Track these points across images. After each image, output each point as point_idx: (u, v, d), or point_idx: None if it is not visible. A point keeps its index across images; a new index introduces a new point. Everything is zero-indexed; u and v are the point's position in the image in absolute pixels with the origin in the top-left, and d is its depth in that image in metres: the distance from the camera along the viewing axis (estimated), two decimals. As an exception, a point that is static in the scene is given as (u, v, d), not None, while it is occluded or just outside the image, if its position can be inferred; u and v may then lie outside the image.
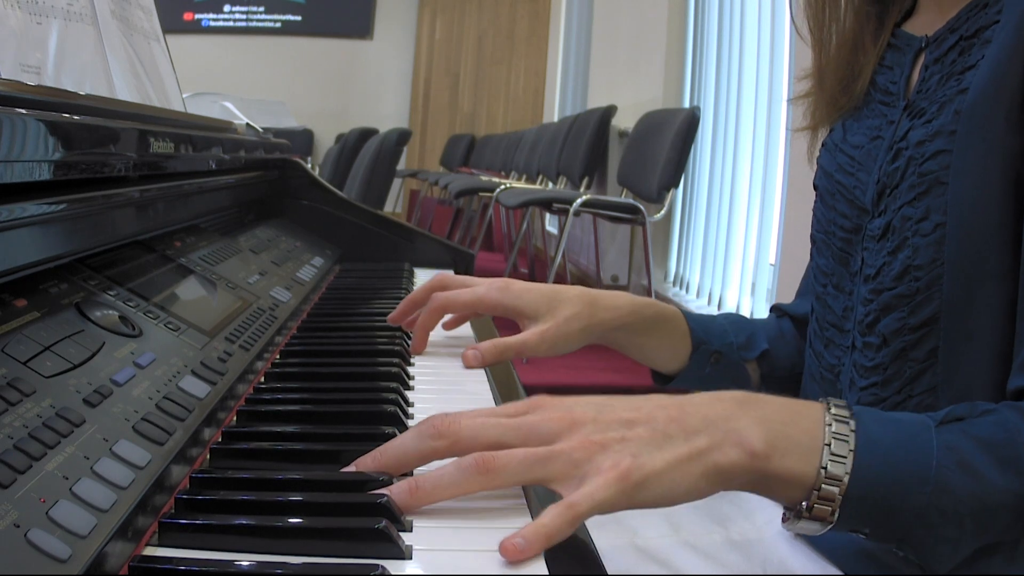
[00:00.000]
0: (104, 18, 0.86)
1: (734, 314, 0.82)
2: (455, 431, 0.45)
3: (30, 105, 0.52)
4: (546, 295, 0.71)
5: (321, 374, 0.68)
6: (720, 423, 0.46)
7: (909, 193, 0.58)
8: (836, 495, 0.45)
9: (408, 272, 1.15)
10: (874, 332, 0.61)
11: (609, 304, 0.72)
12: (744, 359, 0.78)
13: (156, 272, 0.69)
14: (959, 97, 0.56)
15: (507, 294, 0.72)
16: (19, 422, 0.39)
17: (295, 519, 0.41)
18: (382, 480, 0.44)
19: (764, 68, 2.66)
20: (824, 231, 0.69)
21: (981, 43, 0.56)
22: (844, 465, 0.45)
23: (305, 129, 6.79)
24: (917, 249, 0.57)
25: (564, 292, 0.72)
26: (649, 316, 0.74)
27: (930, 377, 0.58)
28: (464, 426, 0.45)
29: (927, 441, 0.46)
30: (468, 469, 0.43)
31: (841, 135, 0.68)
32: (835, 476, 0.45)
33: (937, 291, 0.56)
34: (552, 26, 6.30)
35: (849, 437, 0.46)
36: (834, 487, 0.45)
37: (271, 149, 1.23)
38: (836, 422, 0.47)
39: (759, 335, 0.79)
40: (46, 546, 0.33)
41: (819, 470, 0.45)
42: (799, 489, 0.46)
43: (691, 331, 0.77)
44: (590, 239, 3.72)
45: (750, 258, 2.69)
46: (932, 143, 0.57)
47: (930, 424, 0.47)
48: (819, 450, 0.46)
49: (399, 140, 3.57)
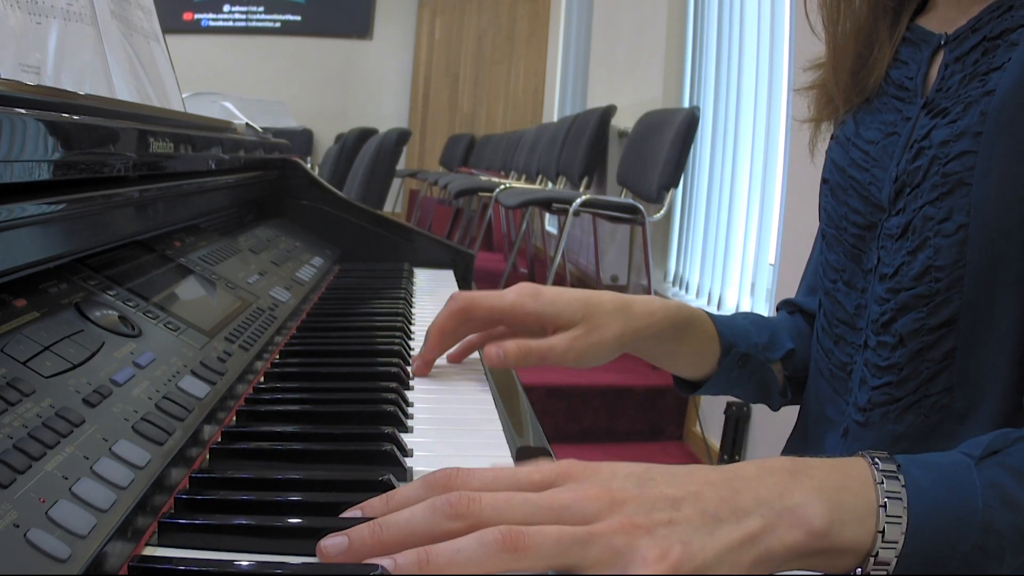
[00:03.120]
0: (104, 18, 0.86)
1: (752, 313, 0.79)
2: (476, 512, 0.39)
3: (30, 105, 0.52)
4: (580, 300, 0.66)
5: (321, 374, 0.68)
6: (774, 501, 0.41)
7: (932, 193, 0.58)
8: (892, 557, 0.42)
9: (408, 272, 1.15)
10: (890, 331, 0.61)
11: (643, 311, 0.68)
12: (770, 360, 0.76)
13: (156, 272, 0.69)
14: (985, 99, 0.55)
15: (539, 301, 0.66)
16: (19, 422, 0.39)
17: (295, 519, 0.41)
18: (382, 480, 0.44)
19: (764, 68, 2.66)
20: (835, 226, 0.69)
21: (1007, 45, 0.56)
22: (900, 526, 0.42)
23: (305, 129, 6.79)
24: (939, 249, 0.57)
25: (599, 297, 0.67)
26: (681, 321, 0.71)
27: (946, 377, 0.57)
28: (487, 505, 0.39)
29: (971, 483, 0.44)
30: (492, 545, 0.37)
31: (853, 129, 0.67)
32: (892, 539, 0.42)
33: (957, 292, 0.56)
34: (552, 26, 6.30)
35: (901, 493, 0.43)
36: (890, 550, 0.42)
37: (271, 149, 1.23)
38: (887, 479, 0.44)
39: (781, 334, 0.77)
40: (46, 546, 0.33)
41: (876, 535, 0.42)
42: (854, 557, 0.43)
43: (719, 333, 0.73)
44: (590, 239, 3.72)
45: (750, 258, 2.68)
46: (957, 143, 0.56)
47: (970, 463, 0.45)
48: (874, 513, 0.43)
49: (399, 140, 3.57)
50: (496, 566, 0.36)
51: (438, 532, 0.38)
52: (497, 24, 6.76)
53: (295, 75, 6.95)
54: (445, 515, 0.38)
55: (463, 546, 0.37)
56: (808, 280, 0.82)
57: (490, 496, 0.39)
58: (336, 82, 7.08)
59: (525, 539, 0.37)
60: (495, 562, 0.36)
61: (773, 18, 2.59)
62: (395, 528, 0.38)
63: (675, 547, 0.38)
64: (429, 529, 0.38)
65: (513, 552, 0.36)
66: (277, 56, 6.97)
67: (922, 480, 0.44)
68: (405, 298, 0.97)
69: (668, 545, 0.38)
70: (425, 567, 0.36)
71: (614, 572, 0.37)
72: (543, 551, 0.37)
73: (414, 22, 7.07)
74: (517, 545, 0.37)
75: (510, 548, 0.36)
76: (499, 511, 0.39)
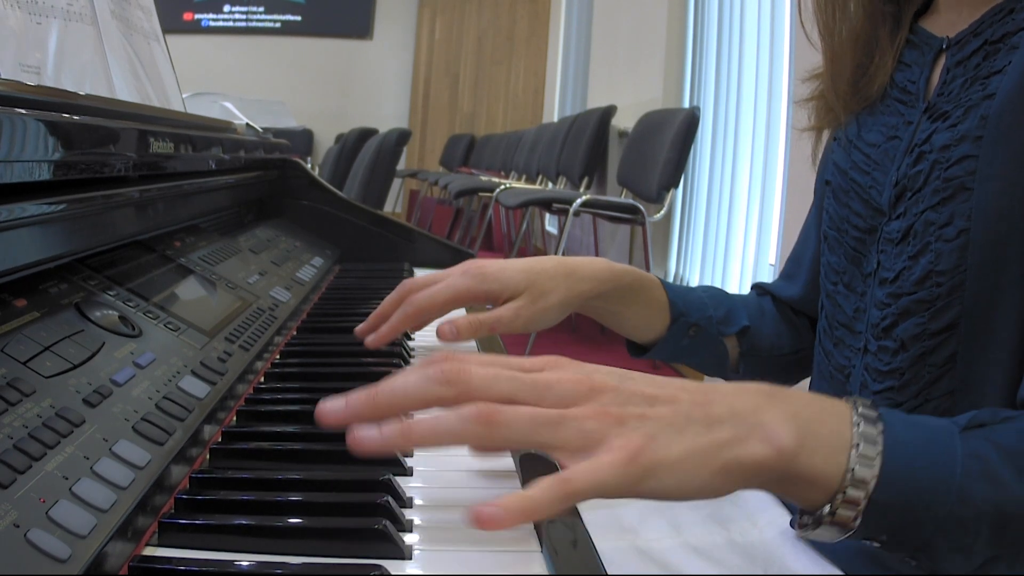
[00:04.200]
0: (104, 18, 0.86)
1: (713, 287, 0.81)
2: (466, 380, 0.41)
3: (30, 105, 0.52)
4: (523, 270, 0.70)
5: (321, 374, 0.68)
6: (747, 415, 0.42)
7: (933, 197, 0.58)
8: (861, 499, 0.43)
9: (408, 272, 1.15)
10: (891, 336, 0.61)
11: (587, 274, 0.71)
12: (723, 334, 0.77)
13: (156, 272, 0.69)
14: (985, 102, 0.55)
15: (484, 280, 0.69)
16: (19, 422, 0.39)
17: (295, 519, 0.41)
18: (383, 480, 0.44)
19: (764, 68, 2.66)
20: (836, 228, 0.69)
21: (1008, 48, 0.56)
22: (872, 468, 0.43)
23: (305, 129, 6.80)
24: (940, 254, 0.57)
25: (541, 264, 0.70)
26: (627, 284, 0.73)
27: (948, 382, 0.57)
28: (475, 375, 0.42)
29: (952, 447, 0.44)
30: (469, 419, 0.40)
31: (856, 131, 0.67)
32: (862, 479, 0.42)
33: (959, 297, 0.56)
34: (552, 26, 6.30)
35: (878, 439, 0.43)
36: (860, 491, 0.42)
37: (271, 149, 1.23)
38: (864, 422, 0.44)
39: (739, 311, 0.78)
40: (46, 546, 0.33)
41: (846, 472, 0.43)
42: (822, 492, 0.43)
43: (670, 302, 0.75)
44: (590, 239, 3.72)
45: (750, 258, 2.68)
46: (958, 148, 0.56)
47: (955, 429, 0.45)
48: (847, 450, 0.43)
49: (399, 140, 3.57)
50: (472, 438, 0.40)
51: (429, 396, 0.41)
52: (497, 24, 6.76)
53: (295, 75, 6.96)
54: (437, 380, 0.41)
55: (443, 418, 0.40)
56: (787, 268, 0.82)
57: (480, 368, 0.42)
58: (336, 82, 7.08)
59: (501, 415, 0.40)
60: (471, 434, 0.39)
61: (773, 18, 2.59)
62: (389, 391, 0.41)
63: (642, 440, 0.40)
64: (421, 393, 0.41)
65: (489, 426, 0.39)
66: (277, 56, 6.98)
67: (902, 433, 0.44)
68: (405, 298, 0.97)
69: (636, 437, 0.40)
70: (408, 434, 0.40)
71: (580, 454, 0.39)
72: (516, 427, 0.40)
73: (414, 22, 7.07)
74: (493, 420, 0.39)
75: (485, 422, 0.39)
76: (486, 382, 0.41)
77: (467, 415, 0.40)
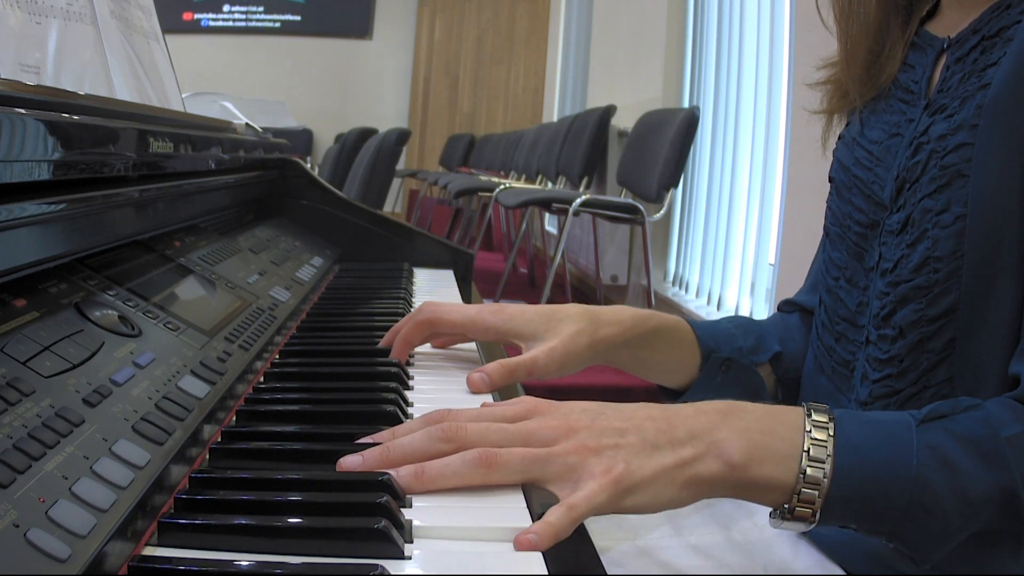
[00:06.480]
0: (103, 18, 0.86)
1: (738, 316, 0.80)
2: (462, 437, 0.48)
3: (30, 105, 0.52)
4: (543, 314, 0.68)
5: (320, 374, 0.68)
6: (703, 435, 0.49)
7: (930, 186, 0.58)
8: (815, 497, 0.48)
9: (408, 272, 1.15)
10: (890, 324, 0.61)
11: (611, 319, 0.69)
12: (756, 363, 0.76)
13: (155, 272, 0.69)
14: (981, 92, 0.56)
15: (500, 316, 0.69)
16: (19, 422, 0.39)
17: (295, 519, 0.41)
18: (382, 480, 0.45)
19: (764, 68, 2.66)
20: (839, 224, 0.69)
21: (1003, 41, 0.57)
22: (823, 469, 0.48)
23: (305, 129, 6.79)
24: (937, 241, 0.58)
25: (563, 310, 0.69)
26: (652, 327, 0.71)
27: (946, 368, 0.58)
28: (471, 431, 0.48)
29: (907, 440, 0.49)
30: (471, 462, 0.46)
31: (859, 129, 0.68)
32: (814, 480, 0.48)
33: (956, 282, 0.57)
34: (552, 26, 6.30)
35: (828, 442, 0.49)
36: (813, 490, 0.48)
37: (270, 149, 1.23)
38: (815, 428, 0.50)
39: (768, 337, 0.77)
40: (45, 546, 0.33)
41: (798, 476, 0.48)
42: (779, 493, 0.49)
43: (699, 339, 0.74)
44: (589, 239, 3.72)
45: (749, 258, 2.68)
46: (954, 136, 0.57)
47: (911, 423, 0.50)
48: (798, 457, 0.49)
49: (398, 140, 3.57)
50: (476, 479, 0.46)
51: (432, 452, 0.48)
52: (497, 24, 6.76)
53: (295, 75, 6.95)
54: (438, 439, 0.48)
55: (450, 462, 0.46)
56: (812, 278, 0.82)
57: (474, 425, 0.49)
58: (336, 82, 7.08)
59: (498, 457, 0.46)
60: (475, 476, 0.46)
61: (773, 18, 2.59)
62: (399, 450, 0.48)
63: (618, 465, 0.46)
64: (425, 449, 0.48)
65: (488, 467, 0.46)
66: (277, 56, 6.97)
67: (854, 433, 0.49)
68: (405, 298, 0.97)
69: (612, 463, 0.46)
70: (420, 477, 0.46)
71: (568, 483, 0.46)
72: (512, 466, 0.46)
73: (414, 22, 7.07)
74: (491, 462, 0.46)
75: (486, 464, 0.46)
76: (480, 436, 0.48)
77: (470, 459, 0.46)
